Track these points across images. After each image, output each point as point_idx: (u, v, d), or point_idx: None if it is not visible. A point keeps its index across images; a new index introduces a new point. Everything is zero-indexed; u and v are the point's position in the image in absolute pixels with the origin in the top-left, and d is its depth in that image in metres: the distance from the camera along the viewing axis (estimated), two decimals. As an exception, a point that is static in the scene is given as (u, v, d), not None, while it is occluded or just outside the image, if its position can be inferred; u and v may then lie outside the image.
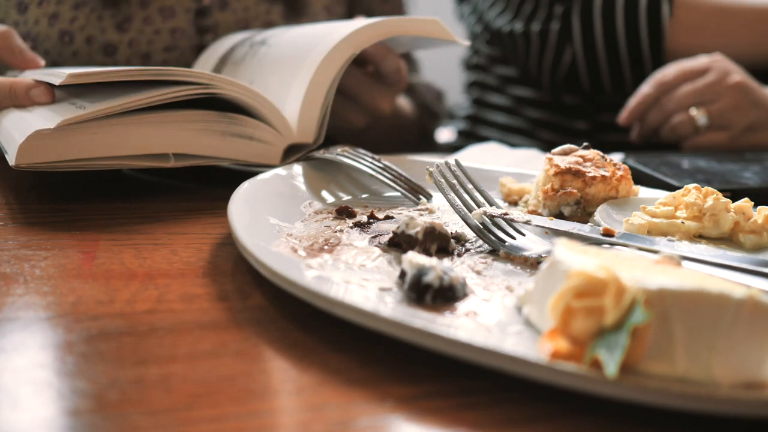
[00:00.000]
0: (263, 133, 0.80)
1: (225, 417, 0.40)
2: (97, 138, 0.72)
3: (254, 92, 0.78)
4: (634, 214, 0.68)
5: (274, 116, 0.80)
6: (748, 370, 0.42)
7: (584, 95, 1.30)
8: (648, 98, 1.11)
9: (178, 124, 0.75)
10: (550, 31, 1.25)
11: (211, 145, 0.77)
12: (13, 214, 0.70)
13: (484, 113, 1.46)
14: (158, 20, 1.05)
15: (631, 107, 1.13)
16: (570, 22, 1.23)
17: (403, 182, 0.77)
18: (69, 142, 0.71)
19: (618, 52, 1.23)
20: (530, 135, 1.39)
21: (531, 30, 1.26)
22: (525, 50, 1.29)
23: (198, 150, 0.77)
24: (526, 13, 1.28)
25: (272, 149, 0.81)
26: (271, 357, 0.47)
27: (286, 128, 0.81)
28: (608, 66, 1.24)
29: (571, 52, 1.24)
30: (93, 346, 0.46)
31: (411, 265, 0.52)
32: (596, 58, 1.24)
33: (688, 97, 1.09)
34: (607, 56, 1.24)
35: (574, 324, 0.43)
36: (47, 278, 0.56)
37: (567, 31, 1.24)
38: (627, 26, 1.21)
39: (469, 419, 0.41)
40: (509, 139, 1.39)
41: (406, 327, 0.45)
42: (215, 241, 0.65)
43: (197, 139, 0.76)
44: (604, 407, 0.42)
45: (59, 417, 0.39)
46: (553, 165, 0.72)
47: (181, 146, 0.76)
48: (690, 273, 0.48)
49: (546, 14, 1.25)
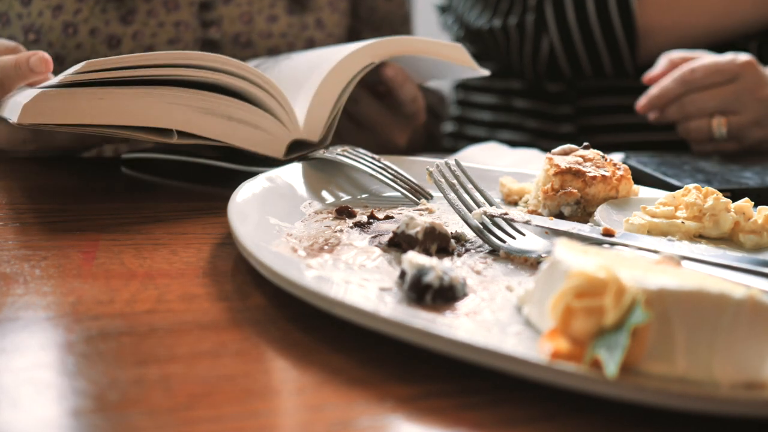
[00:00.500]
0: (269, 124, 0.80)
1: (225, 417, 0.40)
2: (102, 104, 0.72)
3: (267, 80, 0.79)
4: (634, 214, 0.68)
5: (283, 108, 0.80)
6: (748, 370, 0.42)
7: (567, 82, 1.30)
8: (670, 93, 1.07)
9: (185, 101, 0.76)
10: (526, 23, 1.26)
11: (216, 127, 0.78)
12: (13, 214, 0.70)
13: (469, 113, 1.47)
14: (162, 13, 1.06)
15: (652, 98, 1.09)
16: (543, 12, 1.24)
17: (403, 182, 0.77)
18: (74, 105, 0.71)
19: (593, 37, 1.23)
20: (517, 128, 1.39)
21: (509, 24, 1.27)
22: (506, 45, 1.30)
23: (202, 130, 0.77)
24: (504, 10, 1.29)
25: (276, 141, 0.81)
26: (271, 357, 0.47)
27: (292, 123, 0.81)
28: (585, 51, 1.25)
29: (548, 41, 1.25)
30: (93, 346, 0.46)
31: (411, 265, 0.52)
32: (573, 45, 1.25)
33: (712, 102, 1.05)
34: (583, 41, 1.24)
35: (574, 324, 0.43)
36: (47, 278, 0.56)
37: (542, 21, 1.25)
38: (598, 9, 1.22)
39: (469, 419, 0.41)
40: (497, 136, 1.39)
41: (406, 327, 0.45)
42: (215, 241, 0.65)
43: (202, 119, 0.77)
44: (604, 407, 0.42)
45: (59, 417, 0.39)
46: (553, 165, 0.72)
47: (186, 124, 0.76)
48: (690, 273, 0.48)
49: (521, 7, 1.26)
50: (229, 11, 1.10)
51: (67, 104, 0.71)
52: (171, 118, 0.75)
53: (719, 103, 1.06)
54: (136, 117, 0.74)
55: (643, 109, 1.10)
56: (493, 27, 1.30)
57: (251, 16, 1.11)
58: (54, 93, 0.70)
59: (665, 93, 1.08)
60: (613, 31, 1.22)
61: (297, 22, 1.13)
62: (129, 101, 0.73)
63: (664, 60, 1.11)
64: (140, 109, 0.74)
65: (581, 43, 1.24)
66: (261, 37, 1.11)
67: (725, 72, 1.06)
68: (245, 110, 0.79)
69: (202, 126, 0.77)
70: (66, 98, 0.71)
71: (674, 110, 1.08)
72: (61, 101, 0.71)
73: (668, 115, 1.09)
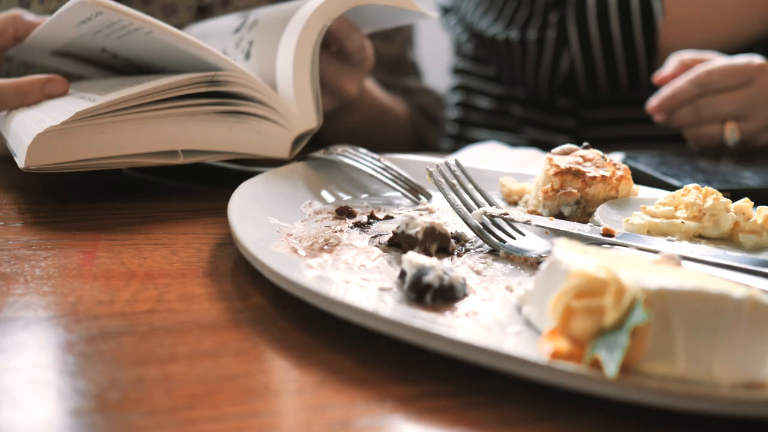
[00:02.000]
0: (269, 127, 0.79)
1: (225, 417, 0.40)
2: (105, 137, 0.72)
3: (262, 86, 0.78)
4: (634, 214, 0.68)
5: (280, 109, 0.80)
6: (748, 370, 0.42)
7: (580, 97, 1.30)
8: (685, 94, 1.04)
9: (186, 118, 0.75)
10: (547, 39, 1.25)
11: (220, 138, 0.77)
12: (13, 214, 0.70)
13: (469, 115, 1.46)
14: (160, 17, 1.06)
15: (664, 99, 1.05)
16: (566, 29, 1.23)
17: (403, 182, 0.77)
18: (76, 141, 0.71)
19: (614, 53, 1.23)
20: (513, 130, 1.38)
21: (528, 38, 1.26)
22: (521, 57, 1.29)
23: (207, 144, 0.76)
24: (520, 22, 1.28)
25: (280, 141, 0.80)
26: (271, 357, 0.47)
27: (289, 120, 0.81)
28: (605, 67, 1.24)
29: (569, 57, 1.24)
30: (93, 346, 0.46)
31: (411, 265, 0.52)
32: (593, 61, 1.24)
33: (728, 107, 1.03)
34: (603, 58, 1.23)
35: (574, 324, 0.43)
36: (47, 278, 0.56)
37: (564, 37, 1.24)
38: (622, 27, 1.21)
39: (469, 419, 0.41)
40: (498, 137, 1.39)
41: (406, 327, 0.45)
42: (215, 241, 0.65)
43: (205, 132, 0.76)
44: (604, 407, 0.42)
45: (59, 417, 0.39)
46: (553, 165, 0.72)
47: (191, 142, 0.76)
48: (690, 273, 0.48)
49: (541, 22, 1.25)
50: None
51: (68, 142, 0.70)
52: (175, 140, 0.75)
53: (735, 106, 1.03)
54: (139, 145, 0.73)
55: (653, 110, 1.06)
56: (510, 39, 1.28)
57: None
58: (54, 132, 0.69)
59: (679, 94, 1.04)
60: (635, 47, 1.21)
61: None
62: (131, 130, 0.72)
63: (674, 61, 1.08)
64: (143, 136, 0.73)
65: (602, 60, 1.23)
66: None
67: (742, 75, 1.03)
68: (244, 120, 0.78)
69: (206, 141, 0.76)
70: (66, 137, 0.70)
71: (687, 113, 1.04)
72: (61, 140, 0.70)
73: (680, 117, 1.05)
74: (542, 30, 1.25)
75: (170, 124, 0.74)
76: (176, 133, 0.75)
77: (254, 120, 0.78)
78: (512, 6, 1.29)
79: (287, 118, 0.80)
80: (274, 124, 0.80)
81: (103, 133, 0.71)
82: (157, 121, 0.74)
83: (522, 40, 1.27)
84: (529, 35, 1.26)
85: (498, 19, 1.31)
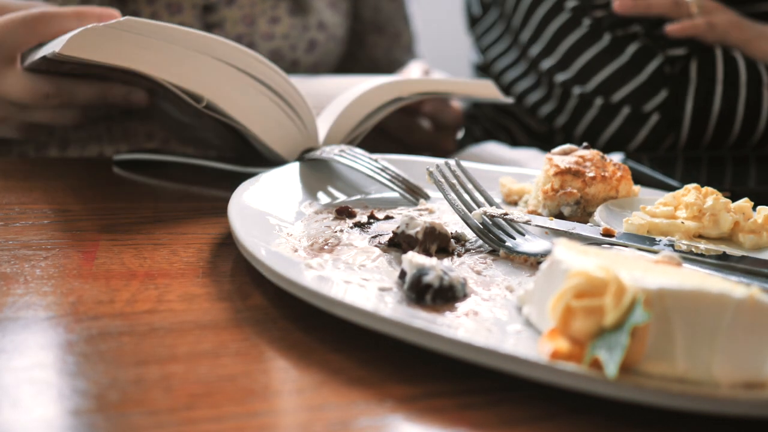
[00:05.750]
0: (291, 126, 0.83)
1: (225, 417, 0.40)
2: (145, 54, 0.74)
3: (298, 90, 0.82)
4: (634, 214, 0.68)
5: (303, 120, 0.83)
6: (748, 370, 0.42)
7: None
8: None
9: (224, 76, 0.78)
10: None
11: (243, 109, 0.80)
12: (14, 214, 0.70)
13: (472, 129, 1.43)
14: (165, 16, 1.06)
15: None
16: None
17: (401, 182, 0.77)
18: (119, 47, 0.72)
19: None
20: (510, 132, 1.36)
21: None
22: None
23: (230, 107, 0.79)
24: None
25: (292, 143, 0.83)
26: (271, 357, 0.47)
27: (311, 132, 0.84)
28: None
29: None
30: (93, 346, 0.46)
31: (411, 265, 0.52)
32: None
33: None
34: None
35: (574, 324, 0.43)
36: (47, 278, 0.56)
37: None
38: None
39: (469, 419, 0.41)
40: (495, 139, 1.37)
41: (406, 327, 0.45)
42: (215, 241, 0.65)
43: (234, 97, 0.79)
44: (604, 407, 0.42)
45: (59, 417, 0.39)
46: (553, 165, 0.72)
47: (217, 96, 0.78)
48: (690, 273, 0.48)
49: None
50: (232, 13, 1.10)
51: (112, 44, 0.72)
52: (205, 86, 0.77)
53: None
54: (173, 75, 0.76)
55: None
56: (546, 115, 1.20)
57: (253, 18, 1.11)
58: (102, 30, 0.71)
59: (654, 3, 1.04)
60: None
61: (299, 24, 1.13)
62: (172, 60, 0.75)
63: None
64: (180, 70, 0.76)
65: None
66: (263, 38, 1.11)
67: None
68: (276, 104, 0.81)
69: (231, 104, 0.79)
70: (113, 38, 0.72)
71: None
72: (107, 40, 0.71)
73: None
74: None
75: (210, 69, 0.77)
76: (210, 80, 0.77)
77: (282, 114, 0.81)
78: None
79: (309, 129, 0.84)
80: (295, 127, 0.83)
81: (147, 48, 0.73)
82: (200, 63, 0.76)
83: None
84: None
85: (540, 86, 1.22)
